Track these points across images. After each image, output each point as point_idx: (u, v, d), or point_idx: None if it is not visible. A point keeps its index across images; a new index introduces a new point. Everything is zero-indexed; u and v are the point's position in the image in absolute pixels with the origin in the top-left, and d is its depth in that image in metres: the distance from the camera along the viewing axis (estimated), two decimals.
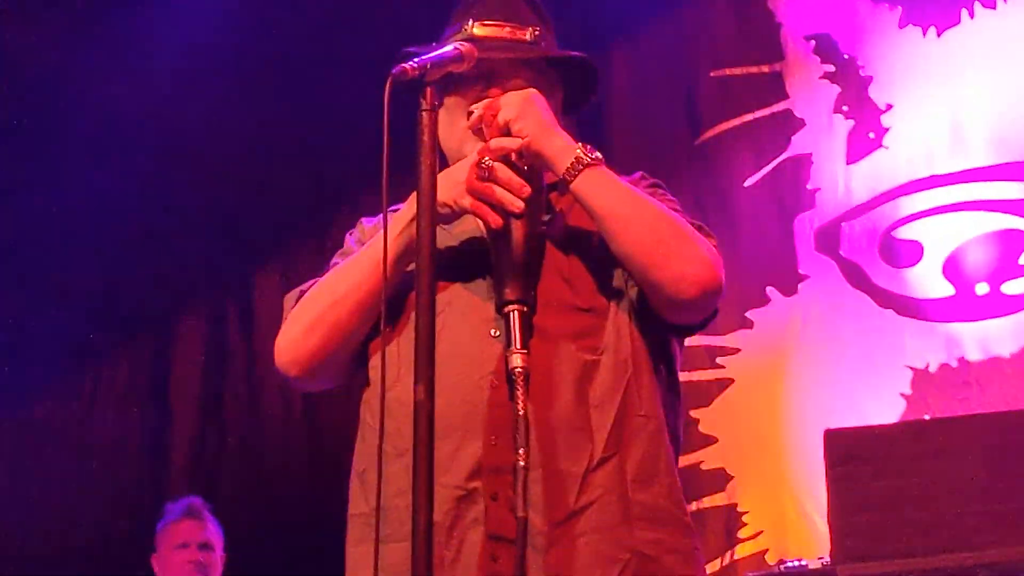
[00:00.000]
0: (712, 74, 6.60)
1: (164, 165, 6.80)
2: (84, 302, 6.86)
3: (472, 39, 2.77)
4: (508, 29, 2.87)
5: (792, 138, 6.37)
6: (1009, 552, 2.02)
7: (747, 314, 6.18)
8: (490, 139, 2.66)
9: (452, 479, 2.57)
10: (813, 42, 6.42)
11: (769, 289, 6.22)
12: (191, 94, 6.70)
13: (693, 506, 6.05)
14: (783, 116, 6.43)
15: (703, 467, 6.13)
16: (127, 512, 6.51)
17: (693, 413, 6.11)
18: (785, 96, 6.44)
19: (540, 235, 2.69)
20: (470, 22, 2.86)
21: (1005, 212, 5.92)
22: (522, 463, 2.42)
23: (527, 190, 2.61)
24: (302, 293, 2.83)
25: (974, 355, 5.84)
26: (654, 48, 6.73)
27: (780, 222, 6.33)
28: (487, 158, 2.62)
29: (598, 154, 2.64)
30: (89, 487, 6.89)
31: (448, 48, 2.56)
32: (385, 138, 2.39)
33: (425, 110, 2.41)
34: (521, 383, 2.48)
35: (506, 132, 2.65)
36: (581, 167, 2.61)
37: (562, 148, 2.64)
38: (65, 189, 6.65)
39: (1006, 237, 5.91)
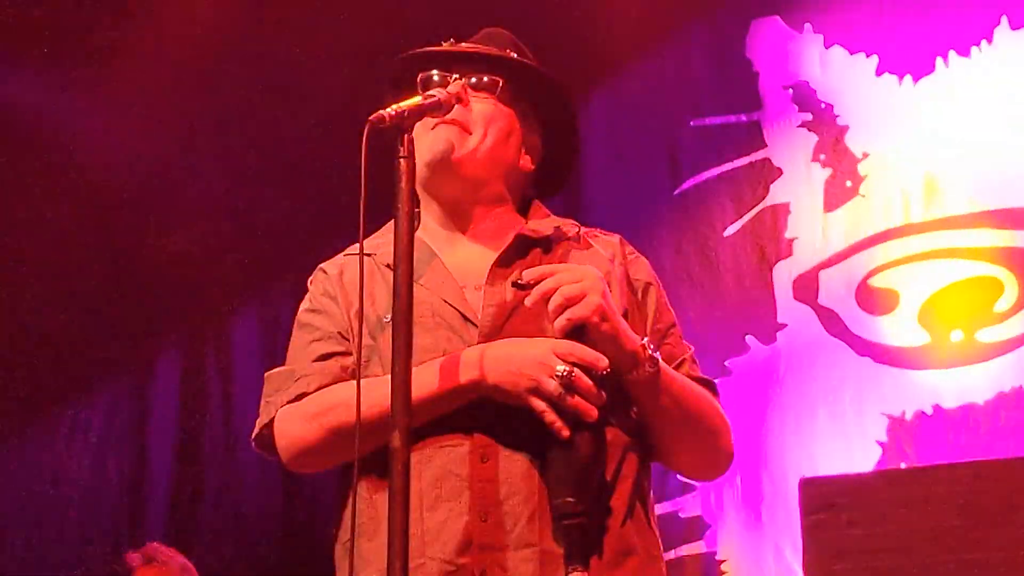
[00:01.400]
0: (692, 123, 6.62)
1: (139, 204, 6.79)
2: (58, 344, 6.83)
3: (445, 52, 2.82)
4: (491, 48, 2.91)
5: (771, 186, 6.38)
6: None
7: (726, 362, 6.17)
8: (556, 326, 2.55)
9: (441, 552, 2.55)
10: (791, 91, 6.44)
11: (748, 337, 6.22)
12: (165, 130, 6.69)
13: (671, 554, 6.03)
14: (761, 165, 6.44)
15: (681, 515, 6.12)
16: (101, 557, 6.44)
17: None
18: (763, 145, 6.45)
19: (521, 298, 2.63)
20: (452, 40, 2.90)
21: (980, 260, 5.94)
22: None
23: (603, 399, 2.55)
24: (281, 374, 2.79)
25: (949, 403, 5.84)
26: (633, 97, 6.76)
27: (759, 271, 6.33)
28: (564, 366, 2.51)
29: (658, 353, 2.64)
30: (64, 530, 6.86)
31: (428, 96, 2.57)
32: (363, 182, 2.40)
33: (402, 157, 2.42)
34: None
35: (577, 328, 2.55)
36: (649, 371, 2.61)
37: (635, 351, 2.61)
38: (36, 228, 6.63)
39: (981, 285, 5.92)
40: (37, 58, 6.53)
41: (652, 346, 2.63)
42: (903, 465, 5.73)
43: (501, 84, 2.85)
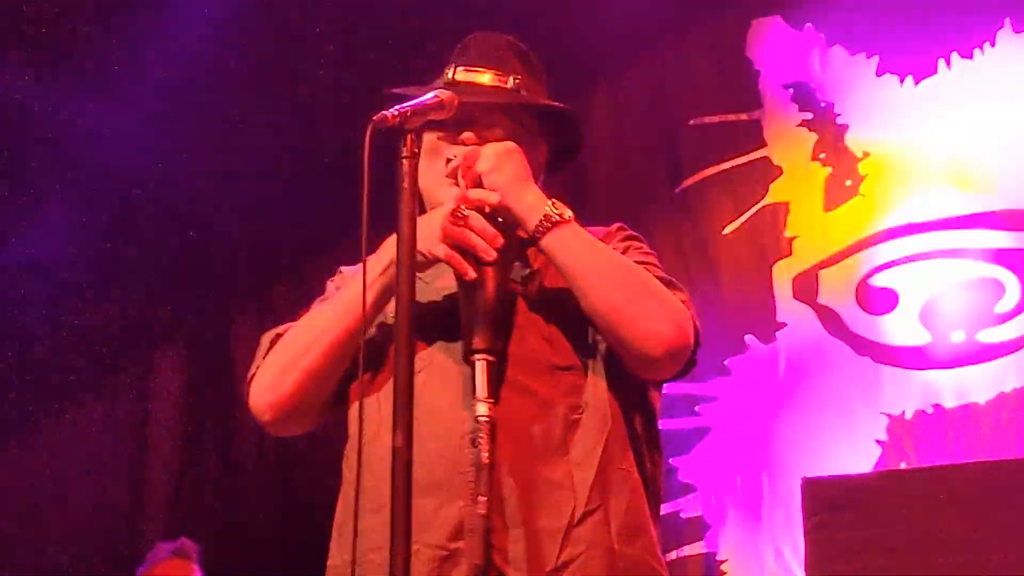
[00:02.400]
0: (691, 122, 6.62)
1: (143, 204, 6.80)
2: (61, 342, 6.84)
3: (453, 84, 2.79)
4: (490, 76, 2.87)
5: (770, 185, 6.39)
6: None
7: (725, 362, 6.19)
8: (466, 189, 2.66)
9: (434, 538, 2.55)
10: (791, 90, 6.44)
11: (747, 337, 6.23)
12: (167, 132, 6.70)
13: (672, 555, 6.05)
14: (761, 164, 6.45)
15: (682, 515, 6.13)
16: (103, 554, 6.44)
17: (672, 461, 6.11)
18: (763, 144, 6.46)
19: (514, 293, 2.69)
20: (453, 67, 2.87)
21: (981, 260, 5.94)
22: (481, 512, 2.42)
23: (500, 240, 2.60)
24: (278, 336, 2.82)
25: (950, 402, 5.84)
26: (633, 96, 6.78)
27: (758, 270, 6.34)
28: (462, 207, 2.62)
29: (569, 212, 2.64)
30: (65, 527, 6.87)
31: (428, 95, 2.56)
32: (365, 183, 2.39)
33: (405, 157, 2.41)
34: (486, 432, 2.47)
35: (478, 184, 2.65)
36: (550, 224, 2.62)
37: (532, 204, 2.64)
38: (40, 226, 6.64)
39: (982, 285, 5.92)
40: (47, 55, 6.56)
41: (558, 206, 2.64)
42: (903, 465, 5.74)
43: (506, 131, 2.84)
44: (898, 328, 6.02)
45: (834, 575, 1.97)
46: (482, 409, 2.50)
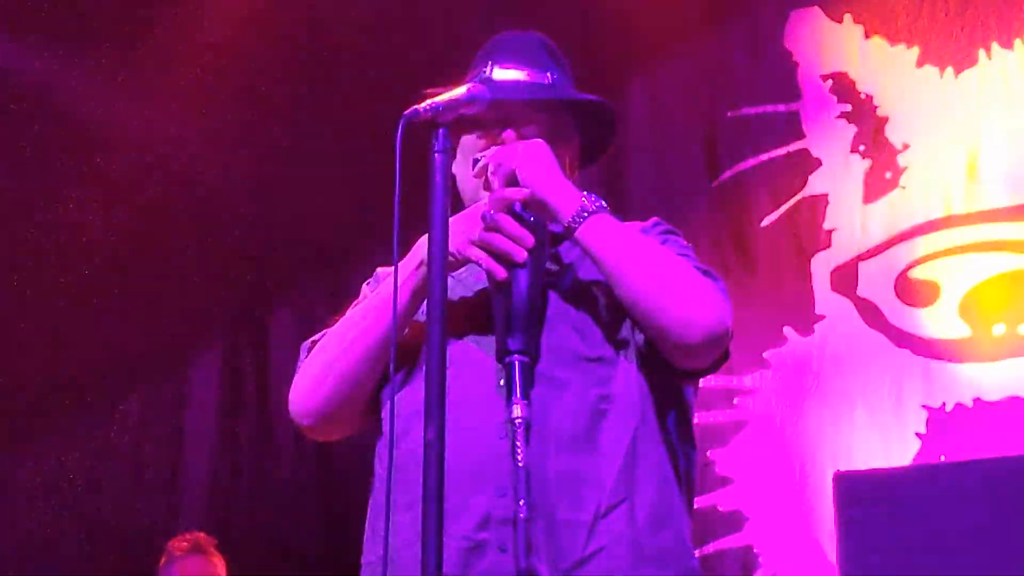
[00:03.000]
0: (729, 114, 6.61)
1: (178, 203, 6.83)
2: (97, 342, 6.87)
3: (489, 82, 2.79)
4: (526, 73, 2.88)
5: (809, 178, 6.37)
6: None
7: (764, 354, 6.17)
8: (495, 188, 2.67)
9: (461, 529, 2.57)
10: (830, 81, 6.42)
11: (786, 329, 6.22)
12: (206, 129, 6.73)
13: (710, 547, 6.04)
14: (800, 156, 6.42)
15: (719, 508, 6.12)
16: (138, 552, 6.46)
17: (710, 454, 6.10)
18: (802, 136, 6.44)
19: (546, 286, 2.69)
20: (489, 65, 2.88)
21: (1022, 253, 5.91)
22: (522, 515, 2.42)
23: (530, 241, 2.61)
24: (315, 343, 2.84)
25: (991, 396, 5.81)
26: (671, 89, 6.76)
27: (797, 262, 6.32)
28: (492, 209, 2.63)
29: (602, 202, 2.65)
30: (101, 527, 6.90)
31: (460, 90, 2.57)
32: (397, 179, 2.41)
33: (437, 152, 2.42)
34: (521, 434, 2.47)
35: (512, 181, 2.66)
36: (585, 215, 2.63)
37: (566, 197, 2.65)
38: (78, 227, 6.67)
39: (1023, 278, 5.90)
40: (84, 42, 6.60)
41: (593, 199, 2.65)
42: (943, 458, 5.71)
43: (543, 127, 2.85)
44: (938, 321, 6.00)
45: (867, 570, 1.97)
46: (517, 411, 2.50)
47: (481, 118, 2.73)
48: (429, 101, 2.46)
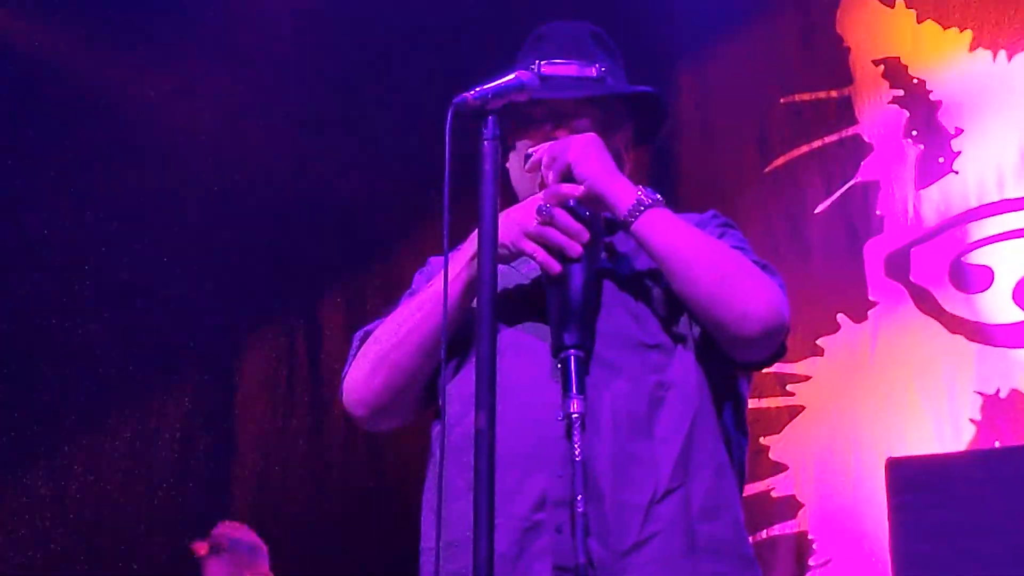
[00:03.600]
0: (782, 100, 6.59)
1: (230, 196, 6.87)
2: (148, 335, 6.91)
3: (540, 78, 2.79)
4: (575, 67, 2.88)
5: (861, 163, 6.35)
6: None
7: (818, 341, 6.15)
8: (550, 183, 2.67)
9: (517, 510, 2.57)
10: (882, 66, 6.40)
11: (839, 316, 6.20)
12: (257, 122, 6.76)
13: (764, 534, 6.04)
14: (852, 141, 6.41)
15: (773, 494, 6.11)
16: (189, 535, 6.48)
17: (763, 440, 6.09)
18: (854, 121, 6.42)
19: (601, 275, 2.69)
20: (537, 62, 2.87)
21: None
22: (580, 509, 2.42)
23: (586, 235, 2.61)
24: (367, 333, 2.85)
25: None
26: (722, 75, 6.75)
27: (850, 248, 6.31)
28: (547, 203, 2.63)
29: (659, 196, 2.66)
30: (151, 520, 6.94)
31: (509, 76, 2.56)
32: (447, 167, 2.41)
33: (487, 139, 2.42)
34: (578, 429, 2.46)
35: (567, 176, 2.66)
36: (642, 209, 2.63)
37: (622, 191, 2.65)
38: (127, 219, 6.73)
39: None
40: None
41: (647, 192, 2.65)
42: (997, 444, 5.69)
43: (594, 120, 2.84)
44: (992, 306, 5.97)
45: (919, 555, 1.97)
46: (573, 406, 2.48)
47: (532, 114, 2.75)
48: (478, 88, 2.46)
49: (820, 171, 6.45)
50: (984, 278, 6.00)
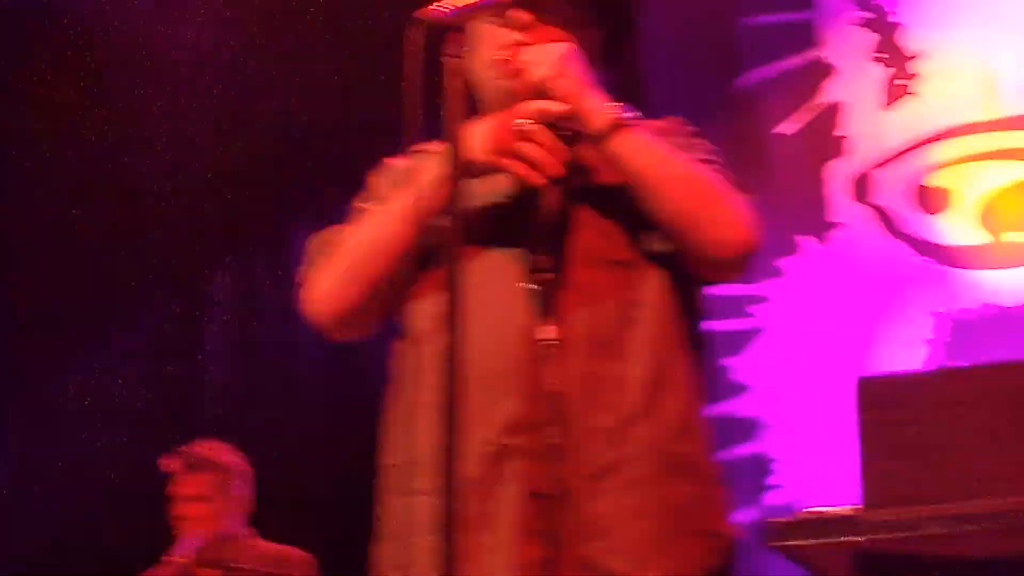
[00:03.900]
0: (745, 20, 6.57)
1: (188, 120, 6.82)
2: (115, 254, 6.88)
3: None
4: None
5: (824, 85, 6.34)
6: None
7: (777, 263, 6.16)
8: (524, 93, 2.61)
9: (487, 433, 2.54)
10: None
11: (800, 237, 6.21)
12: (230, 43, 6.72)
13: (723, 455, 6.05)
14: (816, 63, 6.40)
15: (734, 415, 6.14)
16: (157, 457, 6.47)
17: (723, 362, 6.11)
18: (818, 43, 6.40)
19: (572, 194, 2.65)
20: None
21: None
22: (556, 441, 2.40)
23: (566, 153, 2.58)
24: (326, 241, 2.81)
25: (1008, 302, 5.82)
26: None
27: (811, 170, 6.31)
28: (524, 121, 2.57)
29: (635, 113, 2.62)
30: (119, 441, 6.93)
31: None
32: (414, 83, 2.37)
33: (454, 56, 2.39)
34: (552, 355, 2.46)
35: (541, 88, 2.60)
36: (618, 128, 2.59)
37: (599, 109, 2.59)
38: (93, 144, 6.69)
39: None
40: None
41: (624, 109, 2.60)
42: (960, 364, 5.72)
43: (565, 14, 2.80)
44: (955, 228, 5.99)
45: (889, 472, 1.98)
46: (548, 332, 2.49)
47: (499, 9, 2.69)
48: (451, 3, 2.41)
49: (783, 92, 6.44)
50: (946, 200, 6.02)
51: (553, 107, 2.58)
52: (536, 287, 2.53)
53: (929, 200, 6.05)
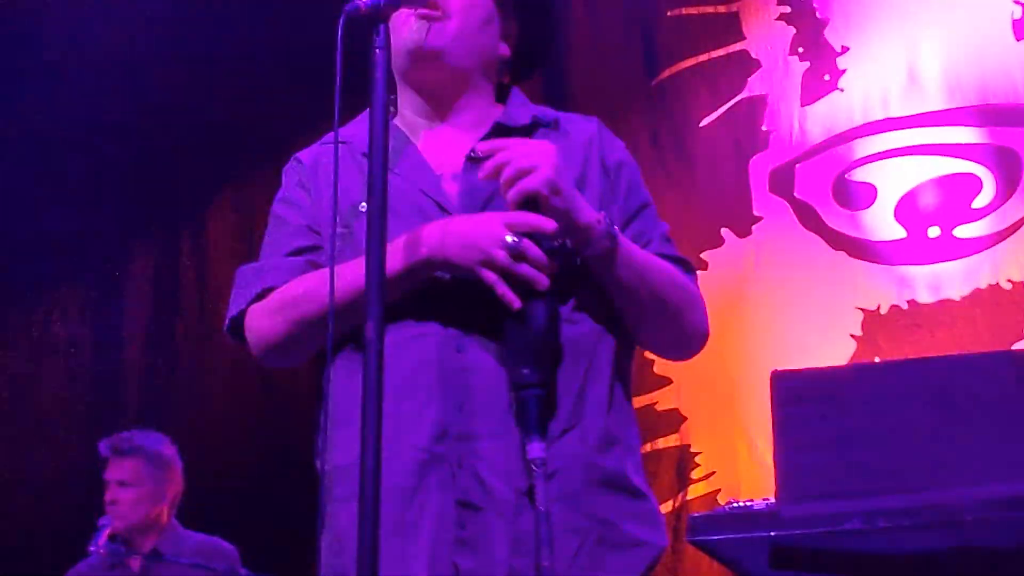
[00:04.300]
0: (669, 13, 6.58)
1: (115, 95, 6.78)
2: (35, 239, 6.83)
3: None
4: None
5: (748, 79, 6.37)
6: (951, 495, 2.05)
7: (702, 255, 6.18)
8: (508, 199, 2.57)
9: (416, 440, 2.57)
10: None
11: (723, 230, 6.24)
12: (142, 24, 6.68)
13: (647, 447, 6.08)
14: (739, 57, 6.42)
15: (657, 408, 6.16)
16: (78, 446, 6.43)
17: (648, 355, 6.11)
18: (742, 37, 6.43)
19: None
20: None
21: (958, 157, 5.93)
22: (546, 563, 2.41)
23: (555, 268, 2.57)
24: (257, 272, 2.80)
25: (925, 298, 5.86)
26: None
27: (735, 163, 6.33)
28: (513, 236, 2.54)
29: (616, 227, 2.64)
30: (40, 426, 6.88)
31: None
32: (338, 73, 2.39)
33: (378, 48, 2.40)
34: (541, 476, 2.46)
35: (530, 199, 2.57)
36: (614, 246, 2.61)
37: (595, 227, 2.60)
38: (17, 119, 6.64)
39: (959, 181, 5.92)
40: None
41: (609, 220, 2.62)
42: (877, 359, 5.76)
43: None
44: (875, 223, 6.03)
45: (803, 466, 2.00)
46: (536, 451, 2.48)
47: None
48: None
49: (706, 86, 6.46)
50: (867, 195, 6.06)
51: (547, 225, 2.55)
52: (518, 401, 2.53)
53: (849, 195, 6.09)
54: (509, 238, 2.53)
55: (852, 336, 5.92)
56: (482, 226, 2.57)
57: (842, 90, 6.19)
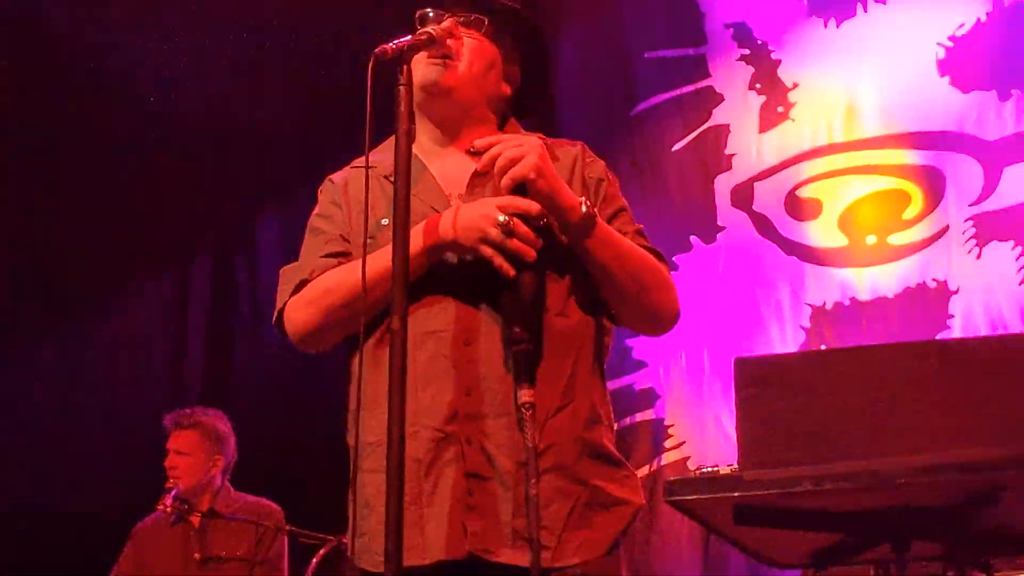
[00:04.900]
0: (646, 55, 6.59)
1: (169, 118, 6.76)
2: (107, 247, 6.81)
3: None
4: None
5: (713, 111, 6.37)
6: (886, 461, 2.07)
7: (674, 258, 6.18)
8: (501, 185, 2.60)
9: (433, 421, 2.57)
10: (732, 29, 6.41)
11: (692, 237, 6.24)
12: (204, 55, 6.68)
13: (626, 421, 6.08)
14: (706, 92, 6.43)
15: (635, 388, 6.16)
16: (147, 433, 6.38)
17: (628, 342, 6.13)
18: (708, 75, 6.44)
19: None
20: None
21: (891, 175, 5.95)
22: (533, 492, 2.43)
23: (540, 243, 2.58)
24: (296, 269, 2.79)
25: (864, 296, 5.87)
26: (597, 33, 6.74)
27: (702, 181, 6.34)
28: (505, 216, 2.56)
29: (595, 210, 2.65)
30: (117, 403, 6.87)
31: (426, 34, 2.57)
32: (368, 107, 2.39)
33: (402, 84, 2.41)
34: (529, 417, 2.49)
35: (520, 185, 2.59)
36: (591, 224, 2.61)
37: (572, 206, 2.61)
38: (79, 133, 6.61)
39: (892, 196, 5.93)
40: None
41: (589, 203, 2.63)
42: (823, 347, 5.76)
43: (486, 22, 2.83)
44: (821, 232, 6.04)
45: (762, 442, 2.01)
46: (525, 396, 2.51)
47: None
48: (395, 42, 2.44)
49: (678, 116, 6.47)
50: (814, 209, 6.07)
51: (533, 207, 2.57)
52: (512, 356, 2.55)
53: (799, 209, 6.10)
54: (501, 218, 2.55)
55: (802, 328, 5.93)
56: (479, 209, 2.60)
57: (793, 120, 6.19)
